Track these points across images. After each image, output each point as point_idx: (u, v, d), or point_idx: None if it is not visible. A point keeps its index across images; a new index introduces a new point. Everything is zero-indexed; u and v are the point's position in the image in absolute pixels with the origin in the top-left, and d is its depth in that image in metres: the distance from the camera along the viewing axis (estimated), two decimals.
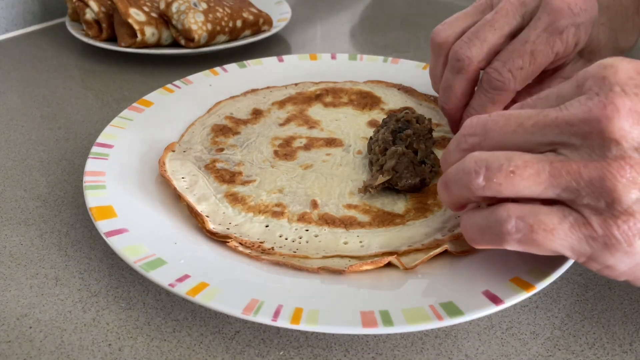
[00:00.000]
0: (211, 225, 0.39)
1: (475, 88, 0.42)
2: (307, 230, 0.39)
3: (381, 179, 0.41)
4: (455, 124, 0.45)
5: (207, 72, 0.59)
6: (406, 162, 0.42)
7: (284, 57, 0.63)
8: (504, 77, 0.38)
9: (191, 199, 0.41)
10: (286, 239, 0.38)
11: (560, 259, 0.33)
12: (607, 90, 0.25)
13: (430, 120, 0.46)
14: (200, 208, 0.40)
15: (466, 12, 0.42)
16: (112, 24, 0.71)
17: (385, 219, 0.40)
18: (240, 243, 0.37)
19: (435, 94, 0.49)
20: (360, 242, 0.38)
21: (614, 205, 0.25)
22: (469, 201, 0.31)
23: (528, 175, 0.27)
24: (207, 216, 0.40)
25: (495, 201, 0.29)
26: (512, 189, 0.27)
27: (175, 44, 0.72)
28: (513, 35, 0.39)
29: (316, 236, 0.38)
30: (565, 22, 0.37)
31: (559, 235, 0.27)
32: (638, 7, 0.45)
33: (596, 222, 0.26)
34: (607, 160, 0.25)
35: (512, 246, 0.28)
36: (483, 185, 0.28)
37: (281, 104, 0.56)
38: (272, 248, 0.37)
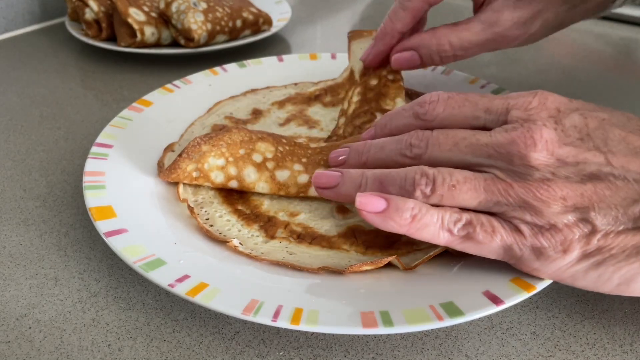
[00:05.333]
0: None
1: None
2: None
3: None
4: (385, 46, 0.49)
5: (206, 71, 0.59)
6: None
7: (284, 56, 0.63)
8: None
9: (190, 199, 0.41)
10: None
11: None
12: (530, 123, 0.31)
13: None
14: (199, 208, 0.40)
15: None
16: (111, 24, 0.71)
17: None
18: (240, 245, 0.37)
19: None
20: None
21: (539, 218, 0.30)
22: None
23: (467, 189, 0.31)
24: (207, 218, 0.40)
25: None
26: (452, 201, 0.31)
27: (175, 43, 0.72)
28: None
29: None
30: None
31: (498, 235, 0.31)
32: None
33: (527, 231, 0.30)
34: (529, 181, 0.30)
35: (450, 243, 0.32)
36: (428, 194, 0.32)
37: (281, 103, 0.56)
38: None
